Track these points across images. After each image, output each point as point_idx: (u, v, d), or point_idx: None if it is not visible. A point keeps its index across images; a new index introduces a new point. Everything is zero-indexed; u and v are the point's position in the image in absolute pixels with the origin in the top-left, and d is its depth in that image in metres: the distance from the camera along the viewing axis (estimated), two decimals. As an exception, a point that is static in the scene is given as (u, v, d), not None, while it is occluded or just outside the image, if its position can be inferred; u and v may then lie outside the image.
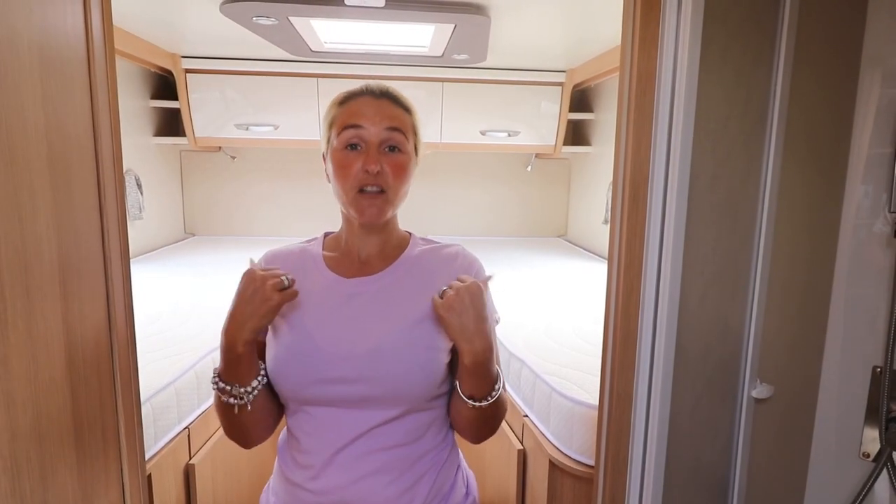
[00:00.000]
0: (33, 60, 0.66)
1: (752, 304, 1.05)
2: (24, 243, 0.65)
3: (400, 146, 0.89)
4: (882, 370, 1.06)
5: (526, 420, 1.65)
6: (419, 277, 0.92)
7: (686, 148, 0.97)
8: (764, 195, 1.02)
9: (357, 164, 0.87)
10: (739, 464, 1.10)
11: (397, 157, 0.89)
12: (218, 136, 3.14)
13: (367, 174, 0.86)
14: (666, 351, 1.02)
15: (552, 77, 3.12)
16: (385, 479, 0.86)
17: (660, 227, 1.00)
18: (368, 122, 0.87)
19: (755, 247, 1.04)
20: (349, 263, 0.95)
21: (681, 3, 0.94)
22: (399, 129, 0.89)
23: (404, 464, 0.88)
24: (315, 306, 0.90)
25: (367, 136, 0.87)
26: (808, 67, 1.00)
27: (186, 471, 1.52)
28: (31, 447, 0.66)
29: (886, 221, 1.05)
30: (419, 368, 0.86)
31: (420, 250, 0.97)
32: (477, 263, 0.96)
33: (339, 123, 0.89)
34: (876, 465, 1.09)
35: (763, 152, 1.01)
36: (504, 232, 3.86)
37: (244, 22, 1.96)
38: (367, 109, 0.88)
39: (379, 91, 0.91)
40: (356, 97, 0.91)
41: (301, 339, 0.88)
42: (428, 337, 0.88)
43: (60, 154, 0.72)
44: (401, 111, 0.91)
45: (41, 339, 0.68)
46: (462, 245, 0.99)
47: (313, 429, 0.88)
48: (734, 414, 1.10)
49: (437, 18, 1.88)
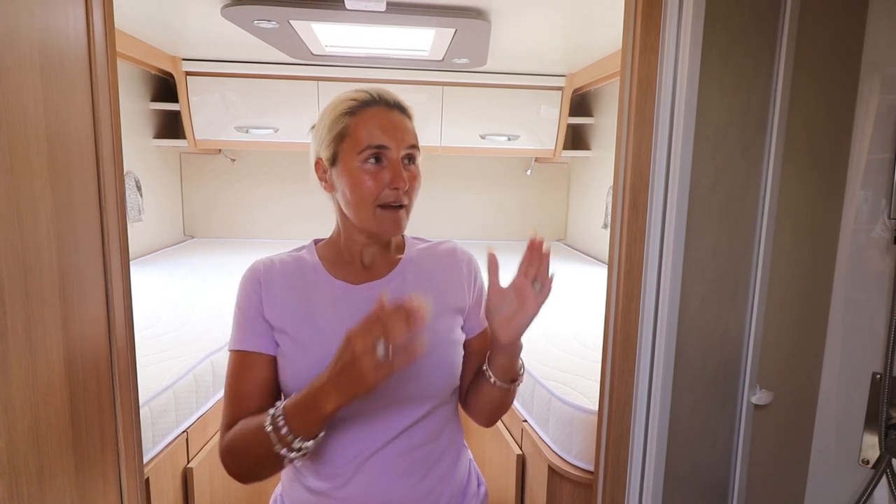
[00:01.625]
0: (35, 62, 0.66)
1: (752, 309, 1.05)
2: (24, 246, 0.64)
3: (415, 158, 0.90)
4: (881, 376, 1.06)
5: (525, 425, 1.65)
6: (425, 275, 0.94)
7: (686, 153, 0.97)
8: (764, 200, 1.02)
9: (380, 179, 0.85)
10: (739, 470, 1.10)
11: (414, 170, 0.89)
12: (218, 139, 3.14)
13: (397, 191, 0.85)
14: (666, 356, 1.02)
15: (552, 81, 3.12)
16: (413, 479, 0.87)
17: (660, 233, 1.01)
18: (392, 140, 0.85)
19: (755, 252, 1.04)
20: (353, 270, 0.93)
21: (681, 10, 0.94)
22: (415, 144, 0.89)
23: (429, 461, 0.90)
24: (331, 317, 0.87)
25: (392, 155, 0.86)
26: (808, 73, 1.00)
27: (185, 475, 1.51)
28: (28, 452, 0.66)
29: (885, 227, 1.05)
30: (446, 363, 0.89)
31: (417, 250, 0.98)
32: (473, 259, 1.00)
33: (357, 140, 0.85)
34: (875, 471, 1.09)
35: (763, 158, 1.02)
36: (504, 236, 3.86)
37: (245, 25, 1.97)
38: (388, 126, 0.86)
39: (393, 102, 0.89)
40: (368, 108, 0.87)
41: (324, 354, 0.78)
42: (446, 331, 0.91)
43: (61, 156, 0.72)
44: (410, 121, 0.91)
45: (40, 343, 0.68)
46: (454, 241, 1.01)
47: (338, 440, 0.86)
48: (734, 420, 1.09)
49: (438, 23, 1.88)
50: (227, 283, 2.54)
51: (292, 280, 0.90)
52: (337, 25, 2.00)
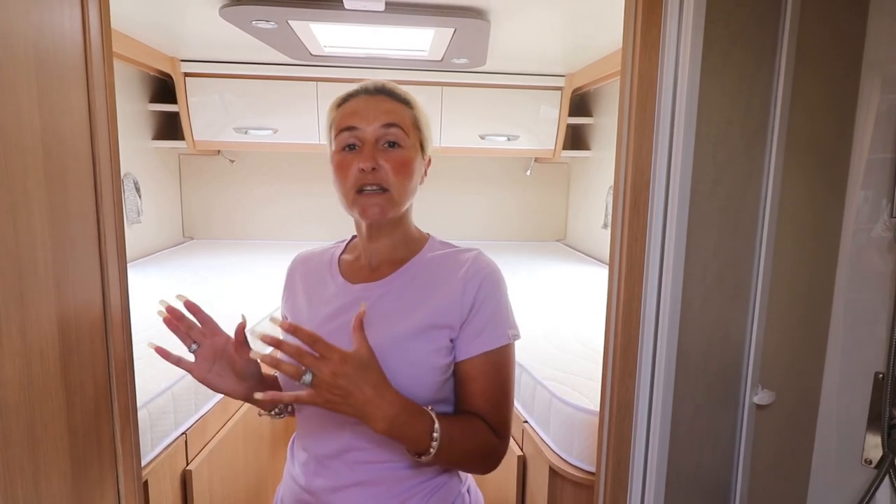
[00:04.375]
0: (29, 61, 0.66)
1: (754, 309, 1.05)
2: (19, 247, 0.64)
3: (399, 141, 0.86)
4: (884, 376, 1.05)
5: (526, 426, 1.64)
6: (422, 285, 0.88)
7: (687, 152, 0.96)
8: (765, 200, 1.02)
9: (354, 164, 0.84)
10: (741, 471, 1.09)
11: (397, 153, 0.85)
12: (217, 140, 3.13)
13: (363, 173, 0.83)
14: (667, 356, 1.01)
15: (551, 81, 3.12)
16: (370, 491, 0.84)
17: (661, 232, 1.00)
18: (362, 121, 0.85)
19: (756, 252, 1.04)
20: (360, 269, 0.93)
21: (682, 8, 0.94)
22: (395, 123, 0.86)
23: (393, 480, 0.85)
24: (319, 312, 0.91)
25: (363, 136, 0.85)
26: (809, 72, 1.00)
27: (184, 477, 1.50)
28: (24, 455, 0.65)
29: (887, 227, 1.04)
30: (417, 377, 0.82)
31: (433, 255, 0.92)
32: (487, 271, 0.88)
33: (336, 126, 0.88)
34: (878, 471, 1.09)
35: (764, 157, 1.01)
36: (503, 236, 3.86)
37: (243, 26, 1.96)
38: (362, 108, 0.86)
39: (374, 88, 0.89)
40: (352, 98, 0.89)
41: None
42: (416, 351, 0.83)
43: (56, 157, 0.71)
44: (398, 105, 0.88)
45: (35, 345, 0.67)
46: (480, 250, 0.92)
47: (311, 431, 0.90)
48: (735, 420, 1.09)
49: (437, 23, 1.87)
50: (227, 285, 2.53)
51: (310, 273, 0.96)
52: (336, 25, 1.99)
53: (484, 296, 0.86)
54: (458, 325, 0.85)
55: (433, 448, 0.77)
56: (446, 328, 0.84)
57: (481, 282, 0.86)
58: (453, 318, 0.85)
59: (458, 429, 0.81)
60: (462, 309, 0.85)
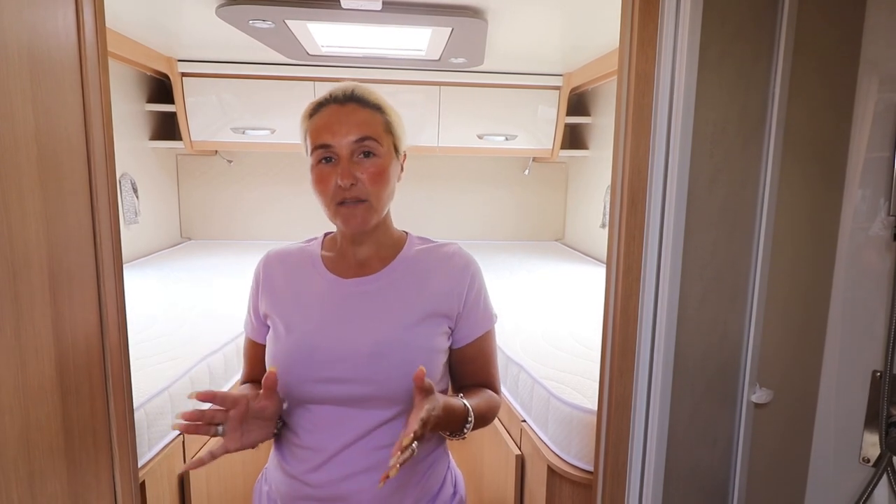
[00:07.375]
0: (23, 61, 0.65)
1: (752, 307, 1.05)
2: (13, 248, 0.63)
3: (374, 151, 0.88)
4: (882, 374, 1.05)
5: (524, 425, 1.64)
6: (416, 277, 0.94)
7: (685, 151, 0.96)
8: (763, 198, 1.02)
9: (332, 178, 0.87)
10: (739, 469, 1.09)
11: (372, 163, 0.88)
12: (214, 140, 3.13)
13: (341, 188, 0.86)
14: (665, 355, 1.01)
15: (549, 81, 3.12)
16: (376, 476, 0.87)
17: (658, 231, 1.00)
18: (335, 137, 0.87)
19: (754, 250, 1.04)
20: (346, 264, 0.96)
21: (679, 5, 0.93)
22: (368, 136, 0.88)
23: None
24: (314, 307, 0.93)
25: (338, 151, 0.87)
26: (806, 70, 1.00)
27: (181, 478, 1.50)
28: (19, 457, 0.65)
29: (884, 225, 1.04)
30: (430, 361, 0.89)
31: (416, 250, 0.98)
32: (473, 264, 0.97)
33: (311, 140, 0.89)
34: (876, 470, 1.09)
35: (762, 155, 1.01)
36: (501, 236, 3.85)
37: (240, 25, 1.96)
38: (334, 122, 0.87)
39: (343, 96, 0.90)
40: (322, 108, 0.90)
41: (300, 340, 0.90)
42: (424, 337, 0.90)
43: (51, 157, 0.71)
44: (369, 112, 0.90)
45: (30, 345, 0.67)
46: (458, 244, 1.00)
47: (313, 426, 0.90)
48: (734, 419, 1.09)
49: (435, 22, 1.87)
50: (224, 285, 2.52)
51: (292, 270, 0.97)
52: (333, 25, 1.99)
53: (476, 286, 0.96)
54: (454, 315, 0.94)
55: (467, 429, 0.89)
56: (444, 316, 0.93)
57: (472, 274, 0.96)
58: (451, 307, 0.93)
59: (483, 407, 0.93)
60: (458, 299, 0.94)
